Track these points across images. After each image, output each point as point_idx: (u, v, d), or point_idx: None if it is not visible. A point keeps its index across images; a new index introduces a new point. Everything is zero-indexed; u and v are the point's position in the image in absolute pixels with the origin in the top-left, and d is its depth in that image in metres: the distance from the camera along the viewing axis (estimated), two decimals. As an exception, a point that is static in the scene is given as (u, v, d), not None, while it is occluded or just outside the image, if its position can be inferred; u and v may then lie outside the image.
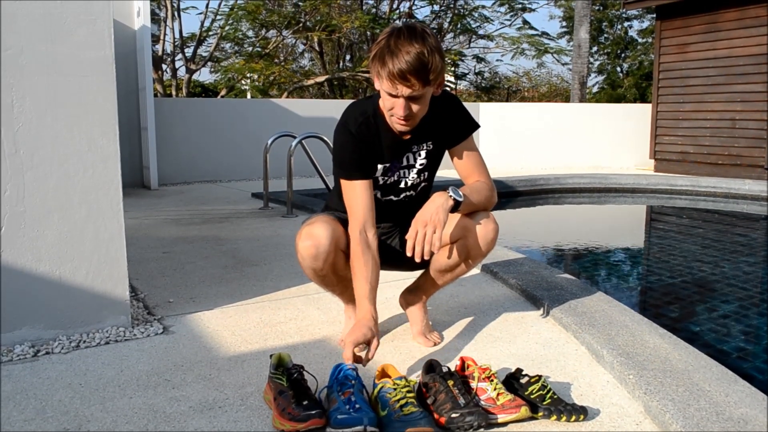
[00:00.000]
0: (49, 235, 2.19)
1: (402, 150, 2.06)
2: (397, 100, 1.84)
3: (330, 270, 2.03)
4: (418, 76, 1.79)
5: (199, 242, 3.99)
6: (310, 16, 13.29)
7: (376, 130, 2.00)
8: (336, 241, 2.00)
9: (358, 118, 2.00)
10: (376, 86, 1.92)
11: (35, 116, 2.14)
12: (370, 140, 2.00)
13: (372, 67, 1.87)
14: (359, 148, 1.98)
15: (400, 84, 1.80)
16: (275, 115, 8.40)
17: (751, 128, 8.15)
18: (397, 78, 1.78)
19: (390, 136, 2.02)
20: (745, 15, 8.14)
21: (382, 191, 2.11)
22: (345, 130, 1.99)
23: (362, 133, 1.98)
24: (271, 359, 1.80)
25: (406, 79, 1.78)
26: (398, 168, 2.08)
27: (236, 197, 6.34)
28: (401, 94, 1.82)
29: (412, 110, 1.86)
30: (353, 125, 1.99)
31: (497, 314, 2.55)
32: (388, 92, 1.84)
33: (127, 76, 7.00)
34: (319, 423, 1.57)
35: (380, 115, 2.00)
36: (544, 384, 1.74)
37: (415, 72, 1.78)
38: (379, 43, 1.85)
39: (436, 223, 1.84)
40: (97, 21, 2.22)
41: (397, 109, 1.85)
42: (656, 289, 3.61)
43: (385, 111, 1.92)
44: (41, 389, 1.88)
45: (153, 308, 2.63)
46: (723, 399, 1.68)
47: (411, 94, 1.82)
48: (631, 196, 7.55)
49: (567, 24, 20.22)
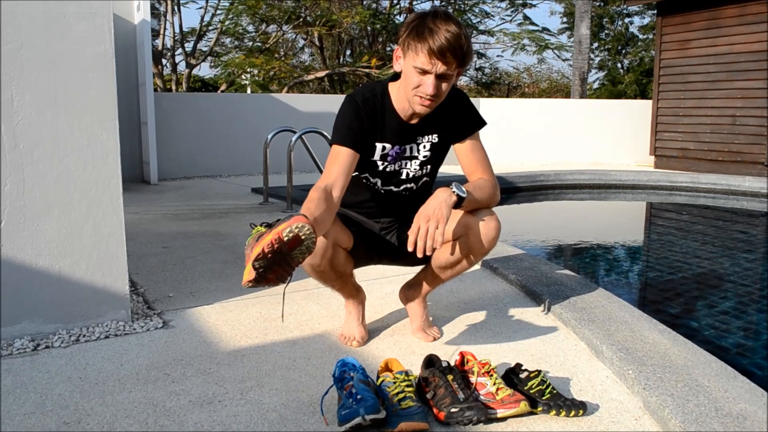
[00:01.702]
0: (49, 229, 2.19)
1: (406, 136, 2.07)
2: (427, 78, 1.87)
3: (328, 266, 2.03)
4: (455, 55, 1.83)
5: (199, 237, 3.99)
6: (311, 11, 13.26)
7: (381, 107, 2.03)
8: (334, 238, 2.00)
9: (366, 93, 2.04)
10: (401, 65, 1.94)
11: (35, 111, 2.13)
12: (373, 115, 2.02)
13: (405, 43, 1.89)
14: (360, 119, 2.00)
15: (438, 60, 1.83)
16: (275, 110, 8.39)
17: (751, 125, 8.14)
18: (436, 54, 1.82)
19: (395, 119, 2.04)
20: (746, 11, 8.13)
21: (383, 180, 2.11)
22: (351, 100, 2.03)
23: (367, 107, 2.01)
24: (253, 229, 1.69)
25: (444, 56, 1.82)
26: (400, 157, 2.08)
27: (236, 192, 6.34)
28: (436, 71, 1.85)
29: (440, 89, 1.89)
30: (360, 97, 2.03)
31: (497, 310, 2.55)
32: (421, 68, 1.86)
33: (127, 71, 6.99)
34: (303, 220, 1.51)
35: (388, 96, 2.04)
36: (543, 379, 1.75)
37: (453, 51, 1.82)
38: (413, 22, 1.88)
39: (439, 219, 1.83)
40: (97, 16, 2.21)
41: (426, 87, 1.87)
42: (656, 285, 3.61)
43: (409, 89, 1.92)
44: (41, 383, 1.88)
45: (153, 303, 2.63)
46: (722, 395, 1.68)
47: (445, 72, 1.86)
48: (631, 192, 7.55)
49: (568, 20, 20.19)
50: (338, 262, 2.06)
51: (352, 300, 2.25)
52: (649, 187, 7.71)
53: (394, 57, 1.98)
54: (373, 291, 2.71)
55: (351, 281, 2.21)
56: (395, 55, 1.97)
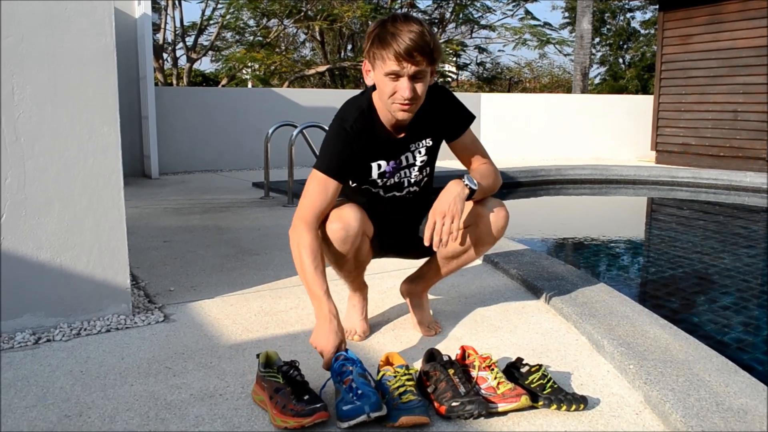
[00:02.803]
0: (50, 223, 2.19)
1: (398, 149, 2.04)
2: (401, 82, 1.83)
3: (354, 254, 2.02)
4: (423, 53, 1.81)
5: (200, 231, 3.99)
6: (312, 6, 13.23)
7: (371, 125, 1.98)
8: (363, 225, 1.99)
9: (353, 112, 1.97)
10: (371, 78, 1.91)
11: (36, 105, 2.13)
12: (365, 137, 1.97)
13: (370, 54, 1.86)
14: (350, 148, 1.95)
15: (406, 62, 1.80)
16: (276, 104, 8.38)
17: (752, 120, 8.13)
18: (403, 56, 1.79)
19: (385, 135, 2.00)
20: (748, 6, 8.11)
21: (384, 189, 2.10)
22: (339, 127, 1.96)
23: (357, 130, 1.95)
24: (259, 358, 1.75)
25: (412, 56, 1.80)
26: (398, 169, 2.06)
27: (237, 187, 6.34)
28: (407, 72, 1.82)
29: (416, 91, 1.85)
30: (349, 121, 1.96)
31: (498, 304, 2.55)
32: (391, 72, 1.83)
33: (128, 65, 6.98)
34: (325, 416, 1.55)
35: (375, 110, 1.99)
36: (544, 373, 1.75)
37: (420, 49, 1.80)
38: (374, 31, 1.85)
39: (455, 213, 1.87)
40: (98, 10, 2.21)
41: (402, 91, 1.84)
42: (657, 280, 3.61)
43: (386, 98, 1.88)
44: (42, 376, 1.88)
45: (154, 296, 2.63)
46: (723, 389, 1.68)
47: (416, 71, 1.83)
48: (632, 187, 7.54)
49: (569, 15, 20.14)
50: (363, 251, 2.07)
51: (358, 293, 2.25)
52: (650, 182, 7.70)
53: (364, 71, 1.93)
54: (374, 285, 2.71)
55: (363, 274, 2.22)
56: (365, 70, 1.93)
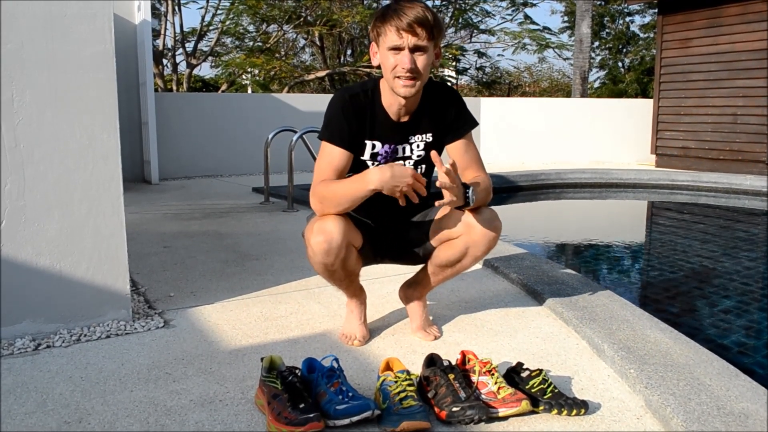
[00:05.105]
0: (49, 229, 2.19)
1: (397, 134, 2.07)
2: (402, 55, 1.91)
3: (340, 265, 2.03)
4: (424, 26, 1.88)
5: (200, 237, 3.99)
6: (311, 11, 13.25)
7: (371, 104, 2.05)
8: (347, 237, 2.00)
9: (357, 88, 2.07)
10: (377, 58, 1.99)
11: (36, 111, 2.13)
12: (361, 112, 2.03)
13: (374, 32, 1.96)
14: (347, 116, 2.02)
15: (406, 33, 1.88)
16: (276, 109, 8.39)
17: (752, 123, 8.13)
18: (404, 27, 1.88)
19: (385, 116, 2.05)
20: (747, 10, 8.11)
21: None
22: (341, 95, 2.05)
23: (354, 103, 2.03)
24: (263, 362, 1.76)
25: (412, 27, 1.88)
26: (393, 158, 2.09)
27: (237, 192, 6.34)
28: (407, 44, 1.89)
29: (416, 64, 1.92)
30: (348, 93, 2.05)
31: (498, 309, 2.55)
32: (393, 45, 1.91)
33: (128, 70, 6.99)
34: (318, 426, 1.55)
35: (379, 93, 2.05)
36: (545, 378, 1.74)
37: (420, 22, 1.88)
38: (378, 13, 1.96)
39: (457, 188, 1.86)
40: (98, 16, 2.21)
41: (403, 63, 1.91)
42: (657, 284, 3.61)
43: (389, 74, 1.95)
44: (42, 382, 1.88)
45: (154, 302, 2.63)
46: (724, 393, 1.68)
47: (417, 44, 1.89)
48: (632, 191, 7.54)
49: (569, 19, 20.17)
50: (350, 261, 2.06)
51: (355, 299, 2.25)
52: (650, 186, 7.70)
53: (371, 54, 2.02)
54: (373, 290, 2.70)
55: (357, 281, 2.21)
56: (371, 52, 2.02)
